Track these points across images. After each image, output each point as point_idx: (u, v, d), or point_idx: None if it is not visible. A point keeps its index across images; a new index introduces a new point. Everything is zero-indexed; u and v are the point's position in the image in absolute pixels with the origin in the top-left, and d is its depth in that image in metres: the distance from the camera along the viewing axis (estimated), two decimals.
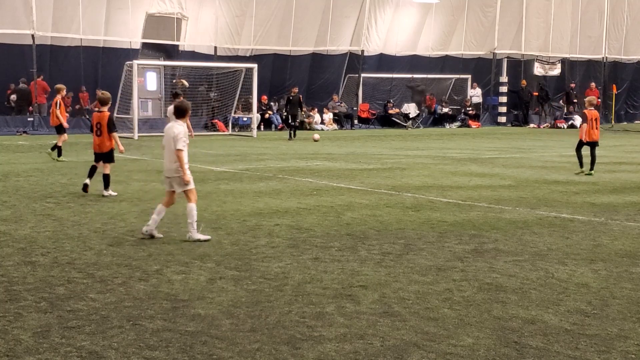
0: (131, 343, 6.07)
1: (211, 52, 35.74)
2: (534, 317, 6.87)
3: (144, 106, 33.60)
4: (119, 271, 8.41)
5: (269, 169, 18.96)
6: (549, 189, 15.53)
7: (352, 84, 39.97)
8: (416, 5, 40.45)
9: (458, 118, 41.07)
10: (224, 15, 35.57)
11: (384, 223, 11.52)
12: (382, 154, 23.57)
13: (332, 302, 7.25)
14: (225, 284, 7.89)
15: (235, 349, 5.98)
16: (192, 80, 34.10)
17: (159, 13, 34.12)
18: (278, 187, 15.59)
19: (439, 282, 8.08)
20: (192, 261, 8.91)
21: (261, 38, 36.61)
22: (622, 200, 14.11)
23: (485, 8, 42.05)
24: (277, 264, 8.79)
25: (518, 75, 43.08)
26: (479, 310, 7.05)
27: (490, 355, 5.91)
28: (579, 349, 6.07)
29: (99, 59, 33.74)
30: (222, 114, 34.65)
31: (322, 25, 37.86)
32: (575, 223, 11.69)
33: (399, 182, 16.61)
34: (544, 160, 22.15)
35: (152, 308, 7.02)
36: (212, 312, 6.91)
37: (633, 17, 46.58)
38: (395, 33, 40.42)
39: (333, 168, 19.40)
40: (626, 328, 6.59)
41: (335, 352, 5.92)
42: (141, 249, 9.54)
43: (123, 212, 12.32)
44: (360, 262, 8.98)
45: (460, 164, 20.86)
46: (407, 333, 6.39)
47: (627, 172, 18.81)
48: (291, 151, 24.49)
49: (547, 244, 10.07)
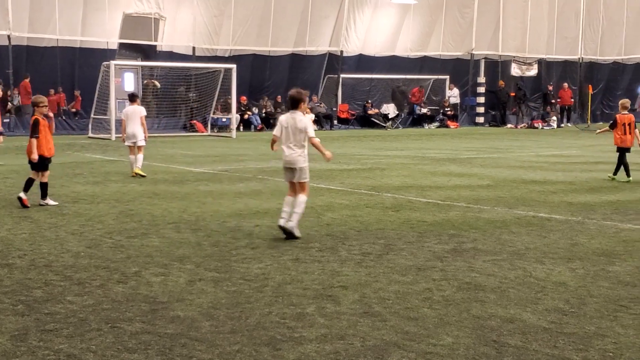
0: (110, 346, 6.04)
1: (189, 52, 35.62)
2: (512, 316, 6.91)
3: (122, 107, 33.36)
4: (97, 273, 8.36)
5: (248, 170, 18.93)
6: (527, 189, 15.63)
7: (331, 85, 39.99)
8: (394, 6, 40.56)
9: (437, 118, 41.21)
10: (202, 15, 35.47)
11: (364, 223, 11.54)
12: (362, 155, 23.60)
13: (312, 303, 7.25)
14: (204, 286, 7.87)
15: (215, 350, 5.96)
16: (171, 81, 34.00)
17: (136, 13, 33.96)
18: (258, 187, 15.57)
19: (419, 281, 8.10)
20: (171, 263, 8.88)
21: (240, 38, 36.53)
22: (599, 199, 14.22)
23: (463, 9, 42.23)
24: (257, 265, 8.78)
25: (496, 76, 43.31)
26: (458, 310, 7.08)
27: (470, 354, 5.93)
28: (557, 347, 6.11)
29: (75, 59, 33.53)
30: (200, 115, 34.55)
31: (301, 25, 37.86)
32: (552, 222, 11.77)
33: (379, 182, 16.65)
34: (522, 160, 22.28)
35: (131, 310, 6.98)
36: (192, 314, 6.88)
37: (608, 18, 46.96)
38: (374, 34, 40.50)
39: (312, 168, 19.27)
40: (603, 326, 6.64)
41: (315, 353, 5.92)
42: (119, 251, 9.49)
43: (101, 214, 12.25)
44: (340, 262, 8.99)
45: (439, 164, 20.94)
46: (388, 333, 6.40)
47: (604, 172, 18.94)
48: (271, 152, 24.40)
49: (525, 243, 10.13)
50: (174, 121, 34.62)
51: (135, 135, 17.66)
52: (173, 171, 18.63)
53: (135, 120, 17.78)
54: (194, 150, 25.14)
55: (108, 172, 18.39)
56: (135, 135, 17.65)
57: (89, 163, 20.52)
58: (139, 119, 17.76)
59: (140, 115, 17.80)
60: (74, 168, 19.10)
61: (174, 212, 12.50)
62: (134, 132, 17.68)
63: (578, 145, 28.44)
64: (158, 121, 33.65)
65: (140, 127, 17.74)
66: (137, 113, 17.86)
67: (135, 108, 18.00)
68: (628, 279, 8.28)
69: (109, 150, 24.70)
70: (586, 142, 30.54)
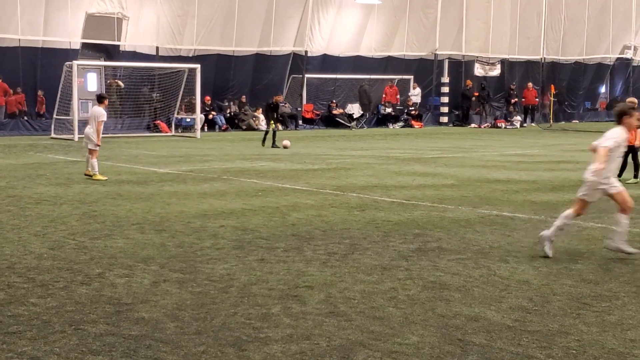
0: (73, 348, 5.98)
1: (153, 52, 35.36)
2: (477, 314, 6.96)
3: (84, 107, 33.08)
4: (61, 275, 8.28)
5: (213, 170, 18.86)
6: (491, 188, 15.75)
7: (296, 85, 39.96)
8: (358, 6, 40.64)
9: (401, 118, 41.38)
10: (166, 15, 35.24)
11: (329, 223, 11.55)
12: (327, 155, 23.62)
13: (278, 303, 7.24)
14: (169, 287, 7.82)
15: (180, 352, 5.93)
16: (134, 81, 33.72)
17: (99, 13, 33.64)
18: (223, 188, 15.52)
19: (384, 281, 8.13)
20: (136, 264, 8.81)
21: (204, 38, 36.35)
22: (561, 198, 14.38)
23: (426, 9, 42.45)
24: (222, 266, 8.75)
25: (459, 76, 43.58)
26: (423, 309, 7.12)
27: (435, 352, 5.97)
28: (521, 345, 6.17)
29: (38, 59, 33.10)
30: (164, 115, 34.32)
31: (265, 25, 37.77)
32: (516, 221, 11.88)
33: (344, 182, 16.68)
34: (485, 159, 22.46)
35: (95, 312, 6.92)
36: (157, 316, 6.84)
37: (570, 18, 47.50)
38: (339, 34, 40.55)
39: (278, 169, 19.38)
40: (567, 324, 6.72)
41: (281, 353, 5.91)
42: (83, 253, 9.40)
43: (64, 215, 12.13)
44: (305, 262, 8.99)
45: (404, 163, 21.03)
46: (353, 332, 6.41)
47: (566, 171, 19.17)
48: (235, 152, 24.40)
49: (489, 242, 10.21)
50: (138, 121, 34.33)
51: (88, 137, 17.25)
52: (137, 172, 18.49)
53: (92, 122, 17.27)
54: (158, 150, 24.97)
55: (71, 173, 18.19)
56: (88, 138, 17.25)
57: (51, 164, 20.30)
58: (95, 122, 17.14)
59: (97, 119, 17.14)
60: (37, 169, 18.87)
61: (138, 213, 12.41)
62: (87, 134, 17.33)
63: (541, 145, 28.75)
64: (122, 121, 33.38)
65: (92, 130, 17.11)
66: (94, 116, 17.30)
67: (96, 110, 17.48)
68: (591, 277, 8.39)
69: (72, 151, 24.45)
70: (548, 141, 30.88)
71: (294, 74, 39.64)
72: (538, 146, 28.09)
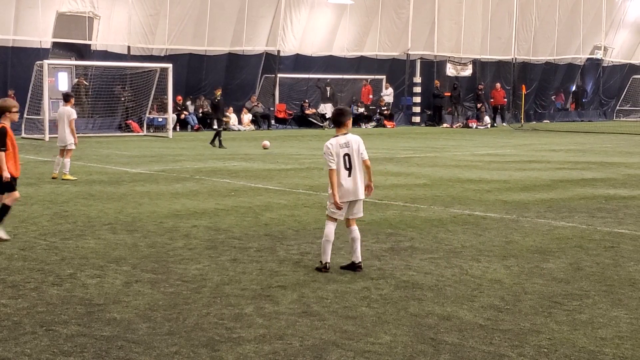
0: (45, 349, 5.93)
1: (124, 51, 35.11)
2: (449, 313, 6.99)
3: (55, 107, 32.77)
4: (31, 276, 8.20)
5: (185, 170, 18.78)
6: (462, 188, 15.84)
7: (268, 85, 39.89)
8: (331, 6, 40.67)
9: (374, 118, 41.48)
10: (137, 14, 35.01)
11: (302, 223, 11.55)
12: (300, 154, 23.62)
13: (251, 303, 7.23)
14: (141, 287, 7.78)
15: (153, 352, 5.90)
16: (105, 81, 33.47)
17: (70, 12, 33.35)
18: (195, 188, 15.46)
19: (357, 280, 8.14)
20: (107, 265, 8.75)
21: (176, 38, 36.17)
22: (533, 197, 14.50)
23: (399, 9, 42.57)
24: (194, 266, 8.72)
25: (431, 76, 43.75)
26: (396, 308, 7.14)
27: (408, 352, 5.99)
28: (493, 343, 6.20)
29: (8, 58, 32.74)
30: (136, 115, 34.11)
31: (237, 25, 37.67)
32: (487, 220, 11.95)
33: (317, 182, 16.68)
34: (457, 159, 22.57)
35: (66, 313, 6.87)
36: (128, 316, 6.80)
37: (541, 19, 47.88)
38: (311, 33, 40.55)
39: (251, 169, 19.34)
40: (538, 322, 6.77)
41: (254, 353, 5.90)
42: (54, 253, 9.32)
43: (35, 216, 12.02)
44: (278, 262, 8.98)
45: (377, 163, 21.05)
46: (326, 332, 6.42)
47: (537, 170, 19.33)
48: (208, 152, 24.32)
49: (461, 242, 10.27)
50: (109, 121, 34.08)
51: (62, 139, 17.04)
52: (108, 172, 18.37)
53: (63, 122, 17.10)
54: (130, 150, 24.81)
55: (42, 173, 18.03)
56: (63, 139, 17.03)
57: (22, 164, 20.03)
58: (67, 122, 17.02)
59: (69, 118, 17.01)
60: None
61: (109, 213, 12.33)
62: (61, 135, 17.11)
63: (512, 145, 28.95)
64: (93, 121, 33.13)
65: (68, 130, 16.97)
66: (65, 115, 17.14)
67: (65, 110, 17.31)
68: (561, 276, 8.46)
69: (43, 151, 24.24)
70: (520, 141, 31.10)
71: (266, 74, 39.58)
72: (509, 146, 28.28)
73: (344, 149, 8.65)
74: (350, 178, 8.60)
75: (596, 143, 28.83)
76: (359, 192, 8.64)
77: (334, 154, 8.63)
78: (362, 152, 8.69)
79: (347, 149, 8.65)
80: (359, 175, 8.65)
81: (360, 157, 8.66)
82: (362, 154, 8.68)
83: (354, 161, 8.63)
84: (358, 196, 8.64)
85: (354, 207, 8.70)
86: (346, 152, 8.64)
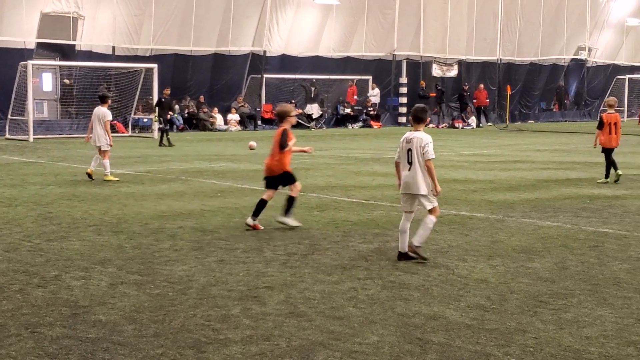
0: (30, 351, 5.89)
1: (109, 52, 34.99)
2: (436, 313, 7.00)
3: (40, 107, 32.67)
4: (16, 277, 8.15)
5: (171, 171, 18.72)
6: (448, 187, 15.85)
7: (254, 85, 39.85)
8: (317, 6, 40.68)
9: (360, 119, 41.51)
10: (122, 15, 34.89)
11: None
12: None
13: (237, 304, 7.21)
14: (127, 289, 7.75)
15: (139, 354, 5.87)
16: (90, 81, 33.33)
17: (55, 12, 33.19)
18: (181, 189, 15.41)
19: (344, 281, 8.14)
20: (93, 266, 8.71)
21: (161, 38, 36.07)
22: (518, 197, 14.54)
23: (385, 10, 42.63)
24: (181, 267, 8.69)
25: (417, 77, 43.85)
26: (383, 308, 7.14)
27: (395, 352, 5.99)
28: (480, 343, 6.22)
29: None
30: (121, 115, 33.98)
31: (223, 25, 37.60)
32: (473, 220, 11.98)
33: (304, 182, 16.61)
34: (443, 159, 22.59)
35: (51, 315, 6.83)
36: (114, 318, 6.77)
37: (526, 20, 48.08)
38: (297, 34, 40.54)
39: (237, 169, 19.31)
40: (524, 322, 6.79)
41: (241, 355, 5.89)
42: (38, 255, 9.27)
43: (19, 217, 11.94)
44: (265, 263, 8.97)
45: (364, 163, 21.09)
46: (313, 333, 6.41)
47: (522, 170, 19.40)
48: (194, 152, 24.26)
49: (447, 241, 10.29)
50: None
51: (96, 139, 17.11)
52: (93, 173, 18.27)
53: (99, 122, 17.13)
54: (115, 151, 24.64)
55: (26, 174, 17.93)
56: (97, 139, 17.11)
57: (6, 165, 19.98)
58: (102, 122, 17.08)
59: (104, 119, 17.09)
60: None
61: (94, 214, 12.27)
62: (96, 136, 17.14)
63: (497, 145, 29.04)
64: (77, 122, 32.98)
65: (102, 131, 17.07)
66: (100, 116, 17.18)
67: (100, 110, 17.30)
68: (547, 275, 8.49)
69: (27, 152, 24.11)
70: (505, 141, 31.22)
71: (252, 74, 39.54)
72: (495, 146, 28.37)
73: (408, 144, 9.18)
74: (410, 173, 9.12)
75: (580, 143, 28.96)
76: (418, 188, 9.10)
77: (400, 147, 9.25)
78: (426, 151, 9.10)
79: (411, 144, 9.15)
80: (419, 172, 9.08)
81: (422, 155, 9.08)
82: (425, 153, 9.09)
83: (414, 158, 9.08)
84: (416, 191, 9.14)
85: (415, 201, 9.24)
86: (409, 147, 9.16)
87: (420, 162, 9.07)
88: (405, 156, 9.18)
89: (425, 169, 9.09)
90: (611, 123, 16.81)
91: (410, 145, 9.15)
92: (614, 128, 16.79)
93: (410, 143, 9.16)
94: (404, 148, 9.21)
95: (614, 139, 16.82)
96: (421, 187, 9.09)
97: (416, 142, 9.12)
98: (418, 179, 9.08)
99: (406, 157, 9.17)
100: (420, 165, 9.07)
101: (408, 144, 9.18)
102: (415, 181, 9.10)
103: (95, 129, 17.21)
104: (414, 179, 9.11)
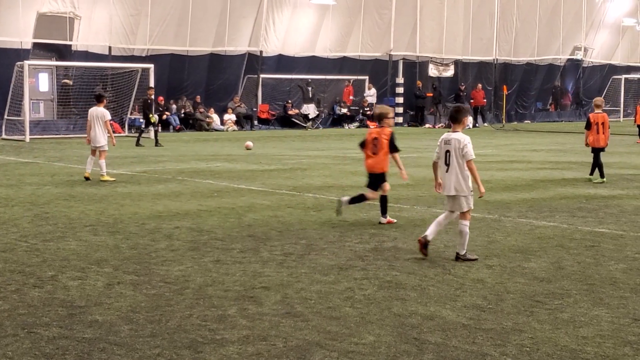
0: (26, 352, 5.89)
1: (105, 52, 34.94)
2: (432, 313, 7.01)
3: (36, 108, 32.62)
4: (12, 278, 8.14)
5: (167, 171, 18.72)
6: None
7: (251, 85, 39.83)
8: (313, 6, 40.67)
9: (356, 119, 41.52)
10: (118, 15, 34.84)
11: (285, 224, 11.54)
12: (283, 155, 23.60)
13: (234, 305, 7.21)
14: (123, 289, 7.74)
15: (135, 355, 5.87)
16: (86, 81, 33.29)
17: (51, 12, 33.15)
18: (177, 189, 15.41)
19: (341, 281, 8.15)
20: (89, 266, 8.71)
21: (157, 38, 36.03)
22: (514, 197, 14.56)
23: (381, 10, 42.63)
24: (177, 267, 8.69)
25: (414, 77, 43.86)
26: (379, 308, 7.15)
27: (391, 351, 5.99)
28: (476, 343, 6.22)
29: None
30: (117, 115, 33.93)
31: (219, 25, 37.58)
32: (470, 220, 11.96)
33: (300, 182, 16.67)
34: None
35: (48, 315, 6.82)
36: (111, 318, 6.76)
37: (522, 20, 48.11)
38: (294, 34, 40.53)
39: (233, 169, 19.31)
40: (520, 322, 6.80)
41: (237, 355, 5.89)
42: (35, 255, 9.26)
43: (15, 217, 11.93)
44: (262, 263, 8.96)
45: (360, 164, 21.00)
46: (310, 333, 6.41)
47: (518, 170, 19.41)
48: (190, 152, 24.25)
49: (444, 241, 10.29)
50: None
51: (95, 139, 16.99)
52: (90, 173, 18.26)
53: (97, 123, 17.01)
54: (111, 151, 24.61)
55: (22, 174, 17.92)
56: (95, 140, 16.99)
57: (2, 165, 19.96)
58: (101, 122, 16.96)
59: (103, 119, 16.98)
60: None
61: (91, 214, 12.26)
62: (94, 136, 17.01)
63: (493, 145, 29.06)
64: (74, 122, 32.94)
65: (100, 131, 16.95)
66: (98, 115, 17.07)
67: (97, 110, 17.20)
68: (543, 275, 8.50)
69: (23, 152, 24.08)
70: (501, 141, 31.24)
71: (249, 74, 39.52)
72: (491, 146, 28.39)
73: (446, 145, 9.27)
74: (448, 174, 9.21)
75: (577, 143, 28.96)
76: (455, 189, 9.20)
77: (439, 148, 9.33)
78: (466, 152, 9.16)
79: (449, 146, 9.25)
80: (457, 173, 9.16)
81: (462, 157, 9.14)
82: (465, 155, 9.15)
83: (452, 159, 9.16)
84: (453, 192, 9.21)
85: (453, 202, 9.32)
86: (447, 149, 9.24)
87: (460, 164, 9.14)
88: (444, 157, 9.25)
89: (463, 170, 9.15)
90: (598, 123, 16.88)
91: (449, 146, 9.21)
92: (601, 128, 16.86)
93: (449, 144, 9.22)
94: (443, 149, 9.27)
95: (602, 139, 16.89)
96: (458, 188, 9.18)
97: (454, 144, 9.18)
98: (455, 180, 9.16)
99: (444, 158, 9.24)
100: (459, 166, 9.14)
101: (446, 145, 9.25)
102: (451, 182, 9.18)
103: (94, 129, 17.14)
104: (451, 180, 9.19)
